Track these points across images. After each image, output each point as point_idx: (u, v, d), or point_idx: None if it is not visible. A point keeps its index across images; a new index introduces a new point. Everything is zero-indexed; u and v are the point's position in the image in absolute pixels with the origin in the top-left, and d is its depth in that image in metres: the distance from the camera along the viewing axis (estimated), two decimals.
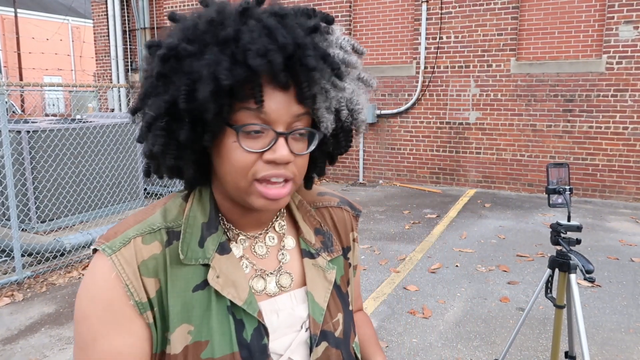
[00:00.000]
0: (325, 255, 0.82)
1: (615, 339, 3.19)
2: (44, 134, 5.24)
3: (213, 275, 0.71)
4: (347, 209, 0.91)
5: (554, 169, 2.17)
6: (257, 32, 0.64)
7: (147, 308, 0.69)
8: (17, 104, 18.17)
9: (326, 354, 0.77)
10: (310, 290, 0.78)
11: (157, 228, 0.72)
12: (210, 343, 0.69)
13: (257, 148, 0.67)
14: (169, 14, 0.73)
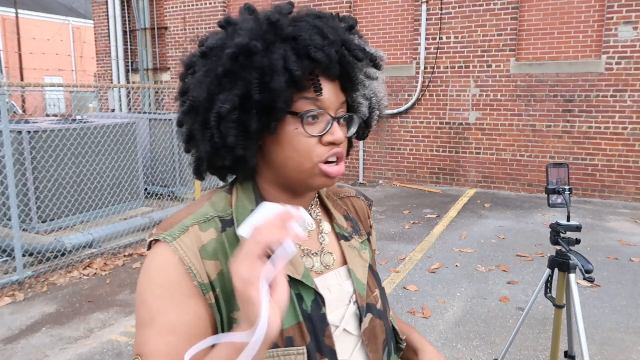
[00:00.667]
0: (357, 237, 0.91)
1: (614, 339, 3.20)
2: (44, 134, 5.25)
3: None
4: (362, 199, 1.00)
5: (553, 169, 2.17)
6: (309, 31, 0.74)
7: (209, 289, 0.74)
8: (18, 104, 18.17)
9: (372, 324, 0.85)
10: (352, 268, 0.86)
11: (210, 217, 0.78)
12: None
13: (317, 132, 0.76)
14: (225, 19, 0.82)
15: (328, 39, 0.74)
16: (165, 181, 7.28)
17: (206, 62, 0.78)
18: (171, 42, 10.51)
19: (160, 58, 10.82)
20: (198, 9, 10.07)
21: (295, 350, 0.75)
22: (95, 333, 3.36)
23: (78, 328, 3.43)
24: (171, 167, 7.20)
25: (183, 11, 10.27)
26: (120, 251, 4.97)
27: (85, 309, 3.72)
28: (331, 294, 0.82)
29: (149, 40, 10.76)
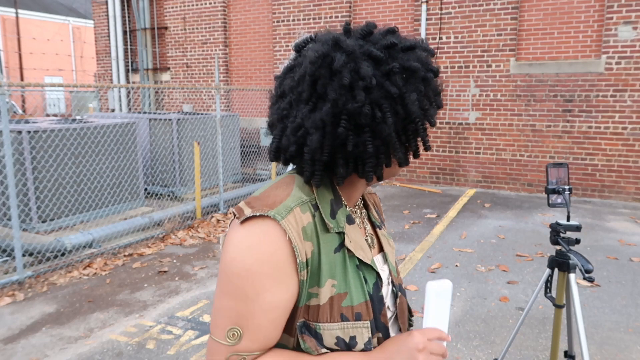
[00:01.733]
0: (384, 228, 1.05)
1: (614, 339, 3.20)
2: (44, 134, 5.25)
3: (347, 241, 0.87)
4: (375, 193, 1.13)
5: (553, 169, 2.17)
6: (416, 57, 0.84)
7: (304, 267, 0.82)
8: (18, 104, 18.18)
9: (401, 301, 0.98)
10: (387, 252, 0.99)
11: (305, 201, 0.85)
12: (349, 294, 0.85)
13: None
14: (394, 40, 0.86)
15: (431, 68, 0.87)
16: (165, 181, 7.28)
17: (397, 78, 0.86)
18: (171, 42, 10.51)
19: (160, 58, 10.82)
20: (198, 9, 10.07)
21: (362, 324, 0.85)
22: (95, 333, 3.36)
23: (78, 328, 3.43)
24: (171, 167, 7.20)
25: (183, 11, 10.27)
26: (120, 251, 4.97)
27: (85, 309, 3.73)
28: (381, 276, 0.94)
29: (149, 40, 10.76)
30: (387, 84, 0.79)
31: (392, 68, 0.79)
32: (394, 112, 0.80)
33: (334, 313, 0.84)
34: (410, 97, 0.80)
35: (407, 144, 0.86)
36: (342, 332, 0.84)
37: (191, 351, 3.12)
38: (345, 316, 0.84)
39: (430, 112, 0.85)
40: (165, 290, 4.08)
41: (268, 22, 9.44)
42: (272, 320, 0.81)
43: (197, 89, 10.31)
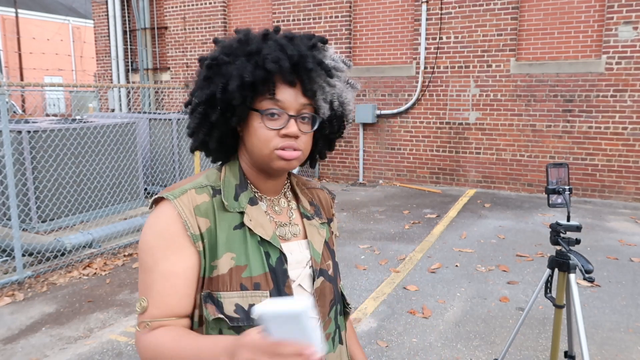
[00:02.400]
0: (317, 219, 1.11)
1: (614, 339, 3.20)
2: (44, 134, 5.25)
3: (247, 219, 0.98)
4: (326, 192, 1.22)
5: (553, 169, 2.17)
6: (273, 47, 0.94)
7: (199, 239, 0.94)
8: (17, 104, 18.18)
9: (323, 285, 1.05)
10: (311, 240, 1.06)
11: (204, 185, 1.00)
12: (249, 266, 0.95)
13: (276, 126, 0.95)
14: (213, 38, 1.04)
15: (286, 53, 0.93)
16: (165, 181, 7.28)
17: (198, 70, 1.02)
18: (171, 42, 10.51)
19: (160, 58, 10.82)
20: (198, 9, 10.07)
21: (260, 293, 0.95)
22: (95, 333, 3.36)
23: (78, 328, 3.43)
24: (171, 167, 7.20)
25: (183, 11, 10.26)
26: (120, 251, 4.97)
27: (85, 309, 3.72)
28: (292, 257, 1.02)
29: (149, 40, 10.76)
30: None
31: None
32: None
33: (234, 283, 0.94)
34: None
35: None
36: (242, 300, 0.94)
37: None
38: (244, 286, 0.94)
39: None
40: None
41: (268, 22, 9.44)
42: (172, 286, 0.92)
43: None
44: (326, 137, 1.08)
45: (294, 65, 0.93)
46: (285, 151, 0.95)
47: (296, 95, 0.95)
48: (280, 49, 0.93)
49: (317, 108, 0.98)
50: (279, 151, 0.95)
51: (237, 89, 0.92)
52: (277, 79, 0.93)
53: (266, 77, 0.92)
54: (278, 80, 0.94)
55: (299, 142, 0.96)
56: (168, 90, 10.72)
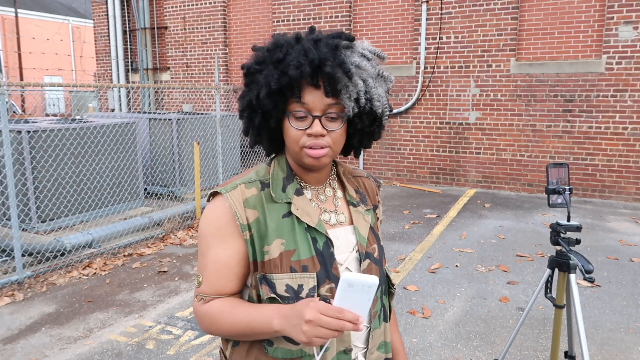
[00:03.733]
0: (363, 206, 1.20)
1: (614, 339, 3.19)
2: (44, 134, 5.25)
3: (294, 208, 1.07)
4: (372, 179, 1.33)
5: (553, 169, 2.17)
6: (297, 52, 1.01)
7: (246, 229, 1.05)
8: (17, 104, 18.18)
9: (369, 267, 1.12)
10: (357, 226, 1.14)
11: (254, 180, 1.10)
12: (297, 251, 1.05)
13: (302, 126, 1.03)
14: (252, 46, 1.11)
15: (308, 58, 0.99)
16: (165, 181, 7.28)
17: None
18: (171, 42, 10.50)
19: (160, 58, 10.82)
20: (198, 9, 10.07)
21: (308, 275, 1.04)
22: (94, 333, 3.36)
23: (78, 328, 3.43)
24: (171, 167, 7.20)
25: (183, 11, 10.26)
26: (120, 251, 4.96)
27: (85, 309, 3.72)
28: (339, 241, 1.10)
29: (149, 40, 10.76)
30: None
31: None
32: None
33: (284, 265, 1.04)
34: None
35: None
36: (291, 281, 1.03)
37: (191, 351, 3.11)
38: (293, 268, 1.04)
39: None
40: (165, 290, 4.07)
41: (268, 22, 9.43)
42: (217, 270, 1.05)
43: (197, 89, 10.31)
44: (361, 131, 1.12)
45: (316, 68, 0.99)
46: (312, 150, 1.02)
47: (321, 96, 1.01)
48: (303, 54, 1.00)
49: (343, 105, 1.03)
50: (307, 149, 1.03)
51: (267, 96, 1.01)
52: (302, 82, 1.00)
53: (291, 83, 1.00)
54: (304, 84, 1.00)
55: (326, 140, 1.03)
56: (168, 90, 10.72)
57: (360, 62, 1.04)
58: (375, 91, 1.06)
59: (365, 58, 1.06)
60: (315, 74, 0.99)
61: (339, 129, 1.04)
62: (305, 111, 1.02)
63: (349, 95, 1.02)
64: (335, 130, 1.04)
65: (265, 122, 1.07)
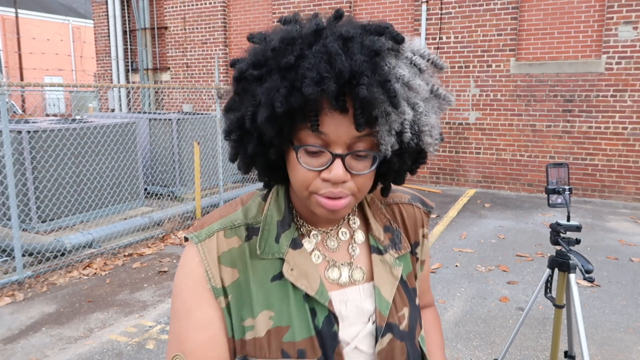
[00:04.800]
0: (393, 252, 0.85)
1: (614, 339, 3.20)
2: (44, 134, 5.25)
3: (287, 268, 0.77)
4: (418, 205, 0.93)
5: (553, 169, 2.17)
6: (317, 57, 0.66)
7: (221, 294, 0.77)
8: (17, 104, 18.18)
9: (391, 345, 0.80)
10: (378, 285, 0.81)
11: (237, 224, 0.80)
12: (291, 328, 0.76)
13: (316, 166, 0.71)
14: (248, 35, 0.76)
15: (334, 69, 0.65)
16: (165, 181, 7.28)
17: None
18: (171, 42, 10.51)
19: (160, 58, 10.82)
20: (198, 9, 10.07)
21: None
22: (95, 333, 3.36)
23: (78, 328, 3.43)
24: (171, 167, 7.20)
25: (183, 11, 10.26)
26: (120, 251, 4.96)
27: (85, 309, 3.72)
28: (347, 309, 0.80)
29: (149, 40, 10.76)
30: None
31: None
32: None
33: (273, 348, 0.75)
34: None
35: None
36: None
37: None
38: (286, 352, 0.75)
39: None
40: (165, 290, 4.07)
41: (268, 22, 9.44)
42: (209, 338, 0.76)
43: (197, 89, 10.31)
44: (397, 172, 0.79)
45: (344, 85, 0.65)
46: (328, 199, 0.71)
47: (347, 127, 0.68)
48: (327, 60, 0.65)
49: (378, 141, 0.70)
50: (320, 197, 0.72)
51: (268, 121, 0.68)
52: (322, 103, 0.67)
53: (304, 105, 0.66)
54: (324, 105, 0.67)
55: (349, 187, 0.71)
56: (168, 90, 10.72)
57: (411, 79, 0.70)
58: (427, 120, 0.73)
59: (418, 69, 0.72)
60: (342, 93, 0.66)
61: (367, 172, 0.72)
62: (323, 146, 0.69)
63: (388, 128, 0.69)
64: (362, 173, 0.72)
65: (261, 150, 0.74)
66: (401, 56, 0.72)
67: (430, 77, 0.76)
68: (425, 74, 0.74)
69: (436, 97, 0.76)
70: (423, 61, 0.74)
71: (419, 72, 0.72)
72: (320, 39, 0.69)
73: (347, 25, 0.71)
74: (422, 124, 0.72)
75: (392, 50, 0.70)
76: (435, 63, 0.77)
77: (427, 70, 0.74)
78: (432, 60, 0.76)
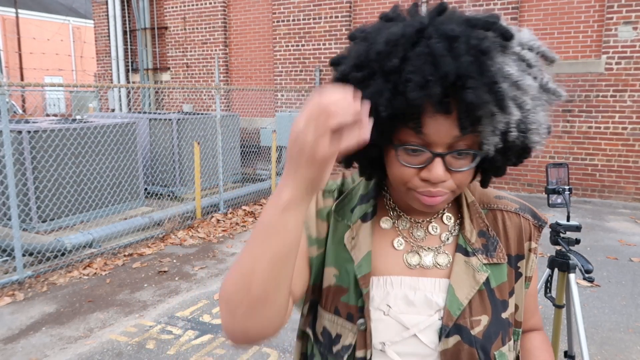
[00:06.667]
0: (482, 257, 0.82)
1: (614, 339, 3.20)
2: (44, 134, 5.25)
3: (349, 236, 0.82)
4: (527, 217, 0.88)
5: (553, 169, 2.17)
6: (422, 59, 0.65)
7: (314, 244, 0.83)
8: (18, 104, 18.18)
9: (457, 348, 0.77)
10: (453, 283, 0.79)
11: (333, 189, 0.86)
12: (349, 291, 0.80)
13: (415, 164, 0.72)
14: (349, 34, 0.77)
15: (439, 71, 0.64)
16: (165, 181, 7.28)
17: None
18: (171, 42, 10.51)
19: (160, 58, 10.82)
20: (198, 9, 10.07)
21: (351, 327, 0.79)
22: (95, 333, 3.36)
23: (78, 328, 3.43)
24: (171, 167, 7.20)
25: (183, 11, 10.27)
26: (120, 251, 4.97)
27: (85, 309, 3.73)
28: (415, 296, 0.80)
29: (149, 40, 10.76)
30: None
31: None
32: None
33: (329, 302, 0.81)
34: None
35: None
36: (330, 325, 0.81)
37: (191, 351, 3.12)
38: (338, 310, 0.80)
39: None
40: (165, 290, 4.08)
41: (268, 22, 9.44)
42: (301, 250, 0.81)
43: (197, 89, 10.31)
44: (498, 168, 0.78)
45: (450, 87, 0.65)
46: (426, 197, 0.73)
47: (449, 127, 0.68)
48: (431, 62, 0.65)
49: (481, 140, 0.70)
50: (418, 194, 0.74)
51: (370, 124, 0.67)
52: (424, 106, 0.67)
53: (408, 108, 0.67)
54: (427, 107, 0.67)
55: (448, 185, 0.73)
56: (168, 90, 10.73)
57: (519, 78, 0.67)
58: (535, 118, 0.70)
59: (527, 64, 0.70)
60: (446, 95, 0.65)
61: (467, 169, 0.73)
62: (423, 146, 0.70)
63: (493, 128, 0.68)
64: (462, 170, 0.72)
65: (363, 150, 0.71)
66: (509, 51, 0.70)
67: (540, 71, 0.72)
68: (535, 68, 0.71)
69: (545, 92, 0.73)
70: (532, 54, 0.72)
71: (527, 67, 0.70)
72: (424, 38, 0.67)
73: (451, 21, 0.70)
74: (529, 122, 0.70)
75: (500, 46, 0.69)
76: (546, 54, 0.74)
77: (536, 64, 0.72)
78: (542, 52, 0.74)
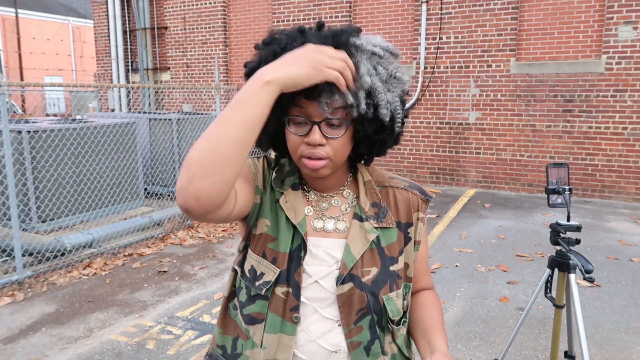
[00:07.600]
0: (374, 222, 1.04)
1: (614, 339, 3.20)
2: (44, 134, 5.25)
3: (283, 200, 1.04)
4: (415, 192, 1.11)
5: (553, 169, 2.17)
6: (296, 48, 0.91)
7: (259, 193, 1.05)
8: (17, 104, 18.18)
9: (350, 292, 0.99)
10: (349, 242, 1.01)
11: (273, 161, 1.11)
12: (277, 240, 1.01)
13: (300, 132, 0.95)
14: (255, 44, 1.01)
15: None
16: (165, 181, 7.28)
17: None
18: (171, 42, 10.51)
19: (160, 58, 10.82)
20: (198, 9, 10.07)
21: (272, 268, 1.00)
22: (95, 333, 3.36)
23: (78, 328, 3.43)
24: (171, 167, 7.20)
25: (183, 11, 10.26)
26: (120, 251, 4.96)
27: (85, 309, 3.72)
28: (318, 251, 1.01)
29: (149, 40, 10.76)
30: None
31: None
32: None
33: (258, 247, 1.02)
34: None
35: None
36: (257, 264, 1.01)
37: (191, 351, 3.12)
38: (265, 254, 1.01)
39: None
40: (165, 290, 4.08)
41: (268, 22, 9.44)
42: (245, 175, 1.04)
43: (197, 89, 10.31)
44: (369, 139, 1.00)
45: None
46: (310, 160, 0.95)
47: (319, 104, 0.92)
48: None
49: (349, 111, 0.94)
50: (305, 159, 0.96)
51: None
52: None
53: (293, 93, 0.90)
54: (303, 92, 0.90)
55: (325, 150, 0.94)
56: (168, 90, 10.72)
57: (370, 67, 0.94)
58: (383, 97, 0.94)
59: (379, 58, 0.95)
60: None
61: (340, 137, 0.95)
62: (305, 117, 0.93)
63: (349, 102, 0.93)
64: (336, 137, 0.94)
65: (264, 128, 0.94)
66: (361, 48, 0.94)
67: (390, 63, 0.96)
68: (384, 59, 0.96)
69: (394, 79, 0.97)
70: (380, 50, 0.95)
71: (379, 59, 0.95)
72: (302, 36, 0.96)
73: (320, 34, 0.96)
74: (377, 98, 0.94)
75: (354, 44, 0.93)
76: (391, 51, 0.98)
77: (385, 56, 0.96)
78: (388, 48, 0.98)
